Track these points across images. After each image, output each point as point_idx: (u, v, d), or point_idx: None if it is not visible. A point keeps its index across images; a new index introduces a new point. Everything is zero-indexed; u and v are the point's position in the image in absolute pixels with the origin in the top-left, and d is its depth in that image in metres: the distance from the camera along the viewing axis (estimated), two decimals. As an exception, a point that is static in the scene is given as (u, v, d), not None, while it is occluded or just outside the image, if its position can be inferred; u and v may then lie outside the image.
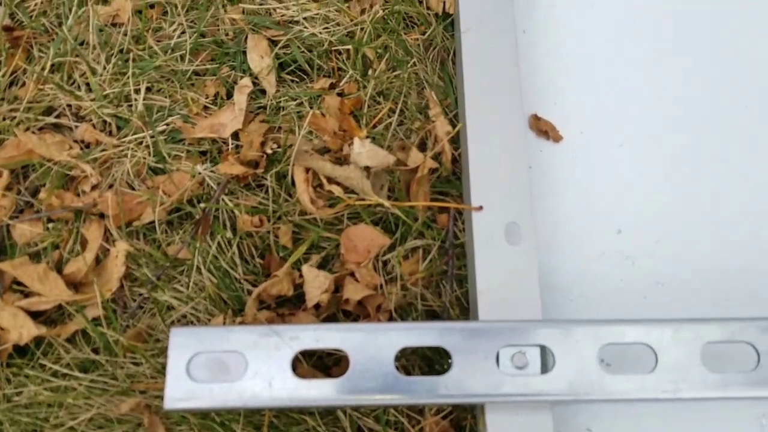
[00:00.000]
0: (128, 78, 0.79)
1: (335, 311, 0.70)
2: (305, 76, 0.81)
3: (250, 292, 0.70)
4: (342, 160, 0.74)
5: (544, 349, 0.61)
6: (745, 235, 0.73)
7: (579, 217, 0.74)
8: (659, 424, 0.66)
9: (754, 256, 0.72)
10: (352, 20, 0.82)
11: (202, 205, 0.73)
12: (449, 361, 0.60)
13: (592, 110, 0.78)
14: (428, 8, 0.83)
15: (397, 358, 0.61)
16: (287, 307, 0.70)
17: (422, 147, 0.76)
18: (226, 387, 0.59)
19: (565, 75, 0.80)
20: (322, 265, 0.71)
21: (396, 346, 0.61)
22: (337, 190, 0.72)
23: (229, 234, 0.73)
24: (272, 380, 0.59)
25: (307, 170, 0.73)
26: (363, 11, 0.83)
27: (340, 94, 0.79)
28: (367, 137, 0.74)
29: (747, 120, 0.78)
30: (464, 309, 0.71)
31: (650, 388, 0.60)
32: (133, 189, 0.75)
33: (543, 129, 0.77)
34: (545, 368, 0.61)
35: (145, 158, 0.76)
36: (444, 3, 0.82)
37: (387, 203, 0.72)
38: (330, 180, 0.73)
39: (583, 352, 0.61)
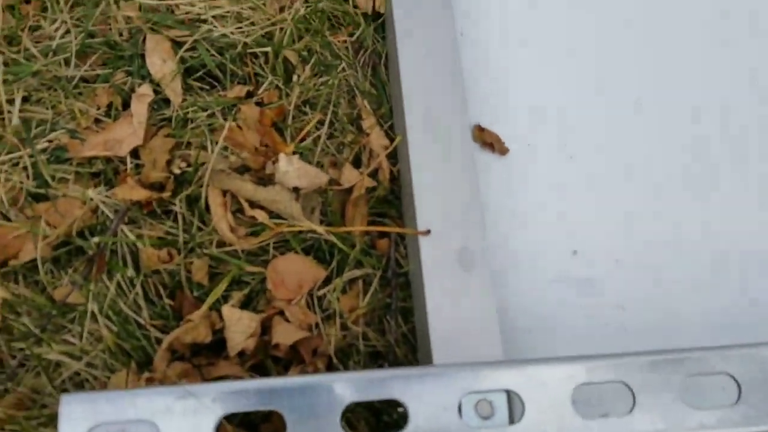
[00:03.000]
0: (-1, 86, 0.67)
1: (263, 358, 0.60)
2: (216, 84, 0.72)
3: (159, 341, 0.60)
4: (265, 181, 0.65)
5: (509, 395, 0.54)
6: (711, 248, 0.68)
7: (529, 238, 0.68)
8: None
9: (721, 273, 0.68)
10: (269, 19, 0.72)
11: (96, 238, 0.62)
12: (399, 410, 0.52)
13: (539, 120, 0.72)
14: (356, 7, 0.75)
15: (344, 416, 0.51)
16: (205, 357, 0.60)
17: (356, 163, 0.68)
18: (133, 468, 0.48)
19: (507, 82, 0.74)
20: (245, 305, 0.62)
21: (342, 403, 0.52)
22: (260, 216, 0.63)
23: (130, 272, 0.61)
24: (192, 455, 0.49)
25: (224, 193, 0.64)
26: (282, 9, 0.73)
27: (258, 104, 0.69)
28: (295, 153, 0.64)
29: (705, 126, 0.74)
30: (411, 347, 0.63)
31: (629, 433, 0.54)
32: (9, 220, 0.63)
33: (488, 141, 0.70)
34: (513, 416, 0.54)
35: (22, 182, 0.64)
36: (374, 2, 0.74)
37: (320, 229, 0.62)
38: (252, 204, 0.64)
39: (554, 395, 0.54)
